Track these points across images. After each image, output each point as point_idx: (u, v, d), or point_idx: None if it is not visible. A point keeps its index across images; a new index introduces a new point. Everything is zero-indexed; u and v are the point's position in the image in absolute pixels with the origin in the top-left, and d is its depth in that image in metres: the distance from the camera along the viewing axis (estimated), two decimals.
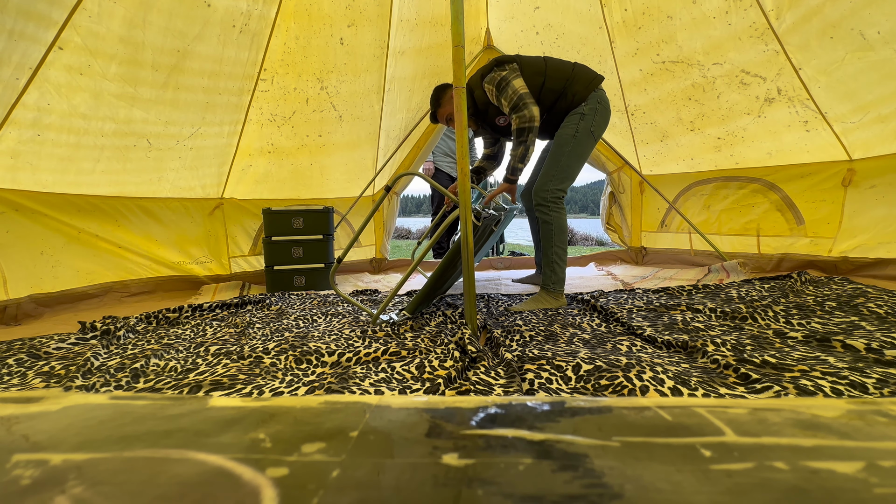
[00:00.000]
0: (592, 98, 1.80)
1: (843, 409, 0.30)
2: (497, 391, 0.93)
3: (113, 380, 1.07)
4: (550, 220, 1.78)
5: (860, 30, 1.92)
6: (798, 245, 2.47)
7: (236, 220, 2.83)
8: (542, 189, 1.80)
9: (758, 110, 2.43)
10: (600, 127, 1.82)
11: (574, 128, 1.78)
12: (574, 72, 1.81)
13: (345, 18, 2.50)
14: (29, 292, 1.95)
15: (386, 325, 1.50)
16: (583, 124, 1.78)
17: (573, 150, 1.78)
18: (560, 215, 1.79)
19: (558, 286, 1.79)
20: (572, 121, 1.79)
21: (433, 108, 2.03)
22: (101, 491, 0.22)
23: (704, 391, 0.87)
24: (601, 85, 1.84)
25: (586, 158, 1.84)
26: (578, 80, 1.80)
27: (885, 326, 1.22)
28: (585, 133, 1.78)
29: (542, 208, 1.80)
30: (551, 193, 1.78)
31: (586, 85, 1.80)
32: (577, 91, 1.79)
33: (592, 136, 1.80)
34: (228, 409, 0.32)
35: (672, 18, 2.37)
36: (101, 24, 1.82)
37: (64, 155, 2.04)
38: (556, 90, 1.79)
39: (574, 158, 1.79)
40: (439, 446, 0.26)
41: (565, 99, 1.80)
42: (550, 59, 1.86)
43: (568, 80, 1.79)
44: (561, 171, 1.79)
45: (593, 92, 1.80)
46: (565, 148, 1.78)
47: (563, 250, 1.79)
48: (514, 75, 1.77)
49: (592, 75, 1.83)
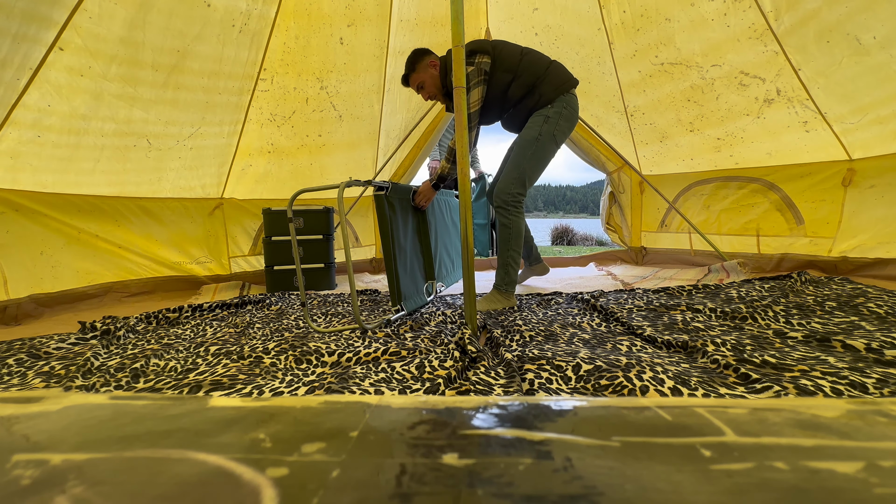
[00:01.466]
0: (560, 101, 1.78)
1: (843, 409, 0.30)
2: (497, 391, 0.93)
3: (113, 380, 1.07)
4: (509, 224, 1.80)
5: (856, 34, 1.92)
6: (798, 245, 2.47)
7: (236, 220, 2.83)
8: (502, 192, 1.80)
9: (757, 111, 2.43)
10: (563, 132, 1.82)
11: (538, 130, 1.77)
12: (548, 71, 1.79)
13: (344, 18, 2.50)
14: (29, 292, 1.95)
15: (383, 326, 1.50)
16: (546, 127, 1.77)
17: (535, 154, 1.78)
18: (518, 219, 1.80)
19: (510, 287, 1.83)
20: (536, 122, 1.78)
21: (407, 71, 1.91)
22: (101, 491, 0.22)
23: (704, 391, 0.87)
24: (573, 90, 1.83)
25: (547, 162, 1.85)
26: (549, 80, 1.78)
27: (885, 326, 1.22)
28: (548, 137, 1.78)
29: (503, 211, 1.81)
30: (512, 197, 1.79)
31: (556, 87, 1.78)
32: (544, 92, 1.77)
33: (555, 141, 1.80)
34: (228, 409, 0.32)
35: (670, 20, 2.37)
36: (102, 24, 1.82)
37: (64, 155, 2.04)
38: (527, 85, 1.77)
39: (535, 162, 1.79)
40: (439, 446, 0.26)
41: (532, 97, 1.79)
42: (529, 53, 1.82)
43: (539, 78, 1.77)
44: (521, 175, 1.79)
45: (562, 95, 1.79)
46: (527, 151, 1.78)
47: (518, 253, 1.83)
48: (476, 81, 1.73)
49: (564, 78, 1.81)
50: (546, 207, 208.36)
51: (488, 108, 1.84)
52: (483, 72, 1.75)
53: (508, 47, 1.81)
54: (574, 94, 1.84)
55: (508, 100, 1.81)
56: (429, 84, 1.87)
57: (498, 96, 1.80)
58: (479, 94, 1.75)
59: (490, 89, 1.79)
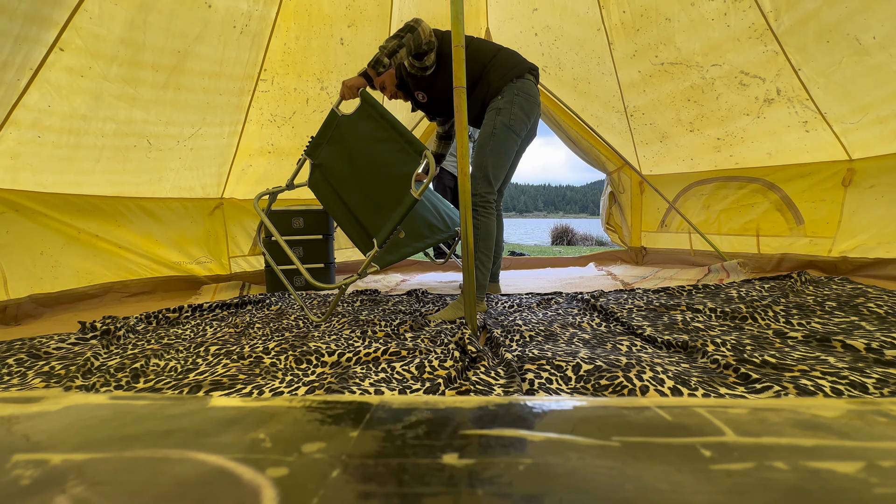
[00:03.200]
0: (509, 90, 1.67)
1: (843, 409, 0.30)
2: (497, 391, 0.93)
3: (113, 380, 1.07)
4: (477, 225, 1.66)
5: (856, 35, 1.92)
6: (798, 245, 2.47)
7: (236, 220, 2.83)
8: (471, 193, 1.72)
9: (757, 111, 2.43)
10: (520, 121, 1.68)
11: (491, 125, 1.67)
12: (494, 59, 1.68)
13: (345, 19, 2.50)
14: (29, 292, 1.95)
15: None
16: (499, 119, 1.65)
17: (493, 150, 1.67)
18: (487, 220, 1.67)
19: (479, 292, 1.68)
20: (490, 117, 1.68)
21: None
22: (101, 491, 0.22)
23: (704, 391, 0.87)
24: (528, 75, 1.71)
25: (510, 156, 1.72)
26: (496, 68, 1.67)
27: (885, 326, 1.22)
28: (503, 129, 1.66)
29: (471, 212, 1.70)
30: (479, 197, 1.66)
31: (502, 75, 1.67)
32: (492, 81, 1.67)
33: (513, 132, 1.67)
34: (228, 409, 0.32)
35: (670, 20, 2.37)
36: (102, 25, 1.82)
37: (64, 155, 2.04)
38: (474, 76, 1.67)
39: (496, 158, 1.68)
40: (439, 446, 0.26)
41: (481, 87, 1.69)
42: (474, 42, 1.72)
43: (486, 67, 1.67)
44: (485, 173, 1.68)
45: (510, 83, 1.67)
46: (486, 148, 1.68)
47: (487, 257, 1.68)
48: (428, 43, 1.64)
49: (513, 63, 1.70)
50: (546, 207, 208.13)
51: (444, 101, 1.75)
52: (432, 40, 1.65)
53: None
54: (528, 80, 1.71)
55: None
56: (388, 82, 1.80)
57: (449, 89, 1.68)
58: (433, 58, 1.67)
59: (438, 82, 1.72)
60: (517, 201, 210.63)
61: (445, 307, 1.69)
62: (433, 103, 1.87)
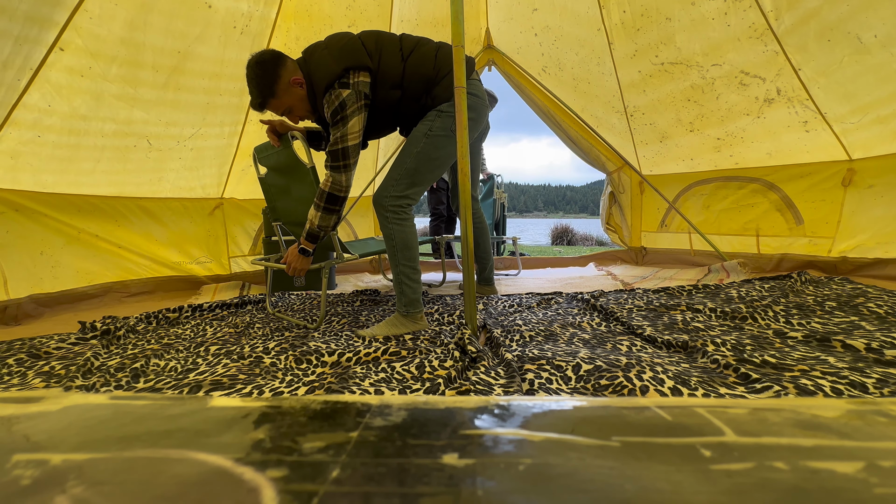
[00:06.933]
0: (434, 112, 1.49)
1: (843, 409, 0.30)
2: (497, 391, 0.93)
3: (113, 380, 1.07)
4: (391, 234, 1.46)
5: (857, 33, 1.92)
6: (797, 245, 2.47)
7: (236, 220, 2.83)
8: (380, 196, 1.48)
9: (757, 111, 2.43)
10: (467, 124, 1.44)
11: (429, 125, 1.48)
12: (437, 75, 1.49)
13: (345, 19, 2.50)
14: (29, 292, 1.95)
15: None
16: (439, 122, 1.47)
17: (422, 152, 1.47)
18: (402, 227, 1.47)
19: (412, 308, 1.47)
20: (429, 117, 1.49)
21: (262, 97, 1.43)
22: (101, 491, 0.22)
23: (704, 391, 0.87)
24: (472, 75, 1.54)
25: (442, 162, 1.52)
26: (442, 84, 1.48)
27: (885, 326, 1.22)
28: (442, 131, 1.47)
29: (381, 219, 1.49)
30: (390, 201, 1.46)
31: (448, 86, 1.46)
32: (437, 94, 1.49)
33: (453, 136, 1.45)
34: (228, 409, 0.32)
35: (671, 20, 2.37)
36: (102, 25, 1.82)
37: (64, 155, 2.04)
38: (417, 97, 1.49)
39: (424, 161, 1.48)
40: (439, 446, 0.26)
41: (426, 103, 1.51)
42: (413, 52, 1.48)
43: (430, 82, 1.48)
44: (405, 176, 1.47)
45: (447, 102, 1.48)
46: (414, 148, 1.47)
47: (411, 268, 1.48)
48: (355, 108, 1.37)
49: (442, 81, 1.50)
50: (546, 207, 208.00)
51: (375, 126, 1.53)
52: (362, 95, 1.39)
53: (388, 51, 1.44)
54: (474, 80, 1.54)
55: (400, 115, 1.52)
56: (298, 107, 1.49)
57: (387, 113, 1.50)
58: (359, 125, 1.40)
59: (373, 112, 1.47)
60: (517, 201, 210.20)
61: (380, 322, 1.53)
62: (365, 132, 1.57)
